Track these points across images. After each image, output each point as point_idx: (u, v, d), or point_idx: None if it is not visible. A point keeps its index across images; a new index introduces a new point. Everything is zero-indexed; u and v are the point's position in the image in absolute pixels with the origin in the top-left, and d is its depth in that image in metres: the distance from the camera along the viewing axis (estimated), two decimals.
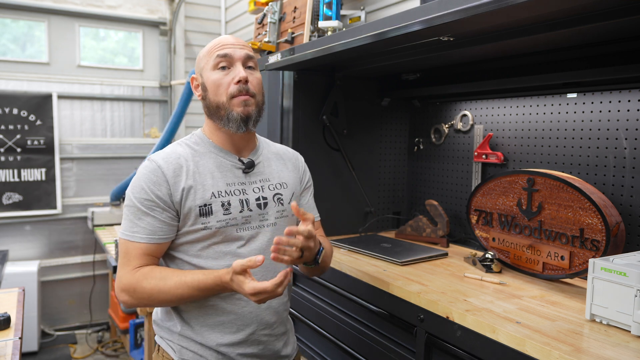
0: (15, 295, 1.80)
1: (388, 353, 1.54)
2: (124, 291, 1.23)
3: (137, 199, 1.24)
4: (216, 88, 1.29)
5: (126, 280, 1.22)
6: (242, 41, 1.34)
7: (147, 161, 1.29)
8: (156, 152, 1.31)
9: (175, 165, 1.26)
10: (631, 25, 1.27)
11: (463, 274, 1.65)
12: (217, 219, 1.26)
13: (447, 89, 2.05)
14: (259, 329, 1.31)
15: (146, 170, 1.26)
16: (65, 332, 3.99)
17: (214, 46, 1.31)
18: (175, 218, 1.26)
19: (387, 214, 2.47)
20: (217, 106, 1.29)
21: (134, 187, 1.26)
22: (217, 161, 1.32)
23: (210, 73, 1.30)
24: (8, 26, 3.78)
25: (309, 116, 2.18)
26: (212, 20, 4.36)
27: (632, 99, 1.56)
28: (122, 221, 1.28)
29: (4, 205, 3.72)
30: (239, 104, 1.27)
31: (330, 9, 2.24)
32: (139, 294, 1.22)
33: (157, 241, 1.24)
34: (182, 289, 1.20)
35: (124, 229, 1.26)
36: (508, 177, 1.72)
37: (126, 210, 1.27)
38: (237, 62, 1.29)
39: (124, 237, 1.26)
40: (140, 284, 1.21)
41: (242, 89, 1.27)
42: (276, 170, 1.41)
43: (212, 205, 1.26)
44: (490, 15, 1.17)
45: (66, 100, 3.95)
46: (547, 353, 1.05)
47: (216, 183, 1.29)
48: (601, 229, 1.44)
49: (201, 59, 1.34)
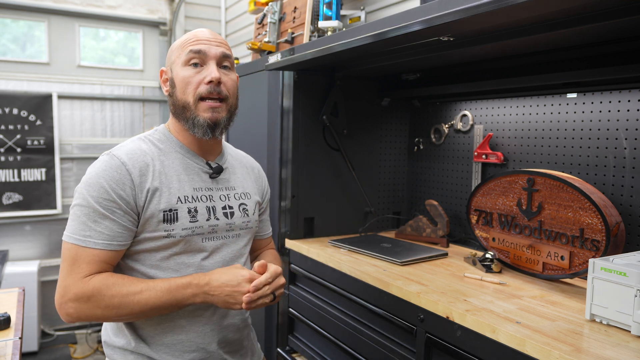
0: (15, 295, 1.80)
1: (388, 353, 1.54)
2: (74, 301, 1.07)
3: (95, 199, 1.08)
4: (184, 86, 1.17)
5: (77, 289, 1.07)
6: (219, 37, 1.23)
7: (107, 156, 1.14)
8: (117, 147, 1.17)
9: (142, 164, 1.14)
10: (631, 25, 1.27)
11: (463, 274, 1.65)
12: (183, 227, 1.15)
13: (447, 89, 2.05)
14: (219, 347, 1.23)
15: (107, 167, 1.11)
16: (65, 332, 3.99)
17: (187, 39, 1.19)
18: (135, 222, 1.12)
19: (387, 214, 2.47)
20: (183, 106, 1.19)
21: (89, 185, 1.10)
22: (184, 162, 1.21)
23: (180, 69, 1.18)
24: (8, 26, 3.78)
25: (309, 116, 2.18)
26: (212, 20, 4.36)
27: (632, 99, 1.56)
28: (70, 222, 1.11)
29: (4, 205, 3.72)
30: (206, 109, 1.17)
31: (330, 9, 2.24)
32: (95, 303, 1.06)
33: (115, 248, 1.10)
34: (149, 292, 1.07)
35: (73, 231, 1.10)
36: (508, 177, 1.72)
37: (77, 210, 1.10)
38: (211, 61, 1.18)
39: (74, 242, 1.09)
40: (99, 291, 1.06)
41: (212, 91, 1.16)
42: (240, 179, 1.33)
43: (177, 210, 1.15)
44: (490, 15, 1.17)
45: (66, 100, 3.95)
46: (547, 353, 1.05)
47: (182, 187, 1.18)
48: (601, 229, 1.44)
49: (173, 52, 1.22)
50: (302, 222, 2.19)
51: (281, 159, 2.18)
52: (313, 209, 2.20)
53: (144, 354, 1.18)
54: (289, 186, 2.14)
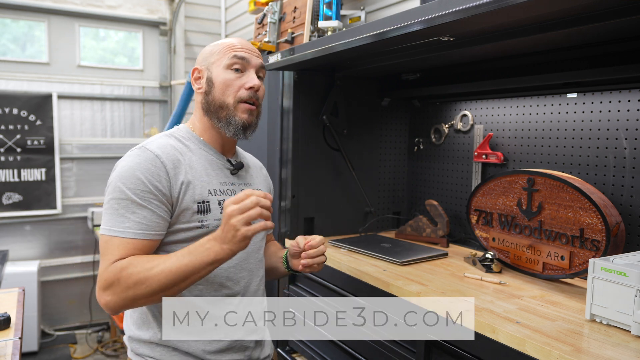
0: (15, 295, 1.80)
1: (388, 353, 1.54)
2: (105, 288, 1.09)
3: (132, 191, 1.12)
4: (225, 88, 1.25)
5: (106, 275, 1.08)
6: (256, 49, 1.34)
7: (140, 150, 1.18)
8: (147, 142, 1.22)
9: (174, 158, 1.20)
10: (631, 25, 1.27)
11: (463, 274, 1.65)
12: (215, 218, 1.21)
13: (447, 89, 2.05)
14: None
15: (141, 160, 1.15)
16: (65, 332, 3.99)
17: (231, 45, 1.28)
18: (169, 213, 1.17)
19: (387, 214, 2.47)
20: (220, 105, 1.26)
21: (125, 178, 1.13)
22: (208, 159, 1.28)
23: (221, 70, 1.26)
24: (8, 26, 3.78)
25: (309, 116, 2.18)
26: (212, 20, 4.36)
27: (632, 99, 1.56)
28: (105, 216, 1.14)
29: (4, 205, 3.72)
30: (244, 110, 1.26)
31: (330, 9, 2.24)
32: (124, 282, 1.07)
33: (152, 237, 1.14)
34: (171, 259, 1.08)
35: (110, 224, 1.12)
36: (508, 177, 1.72)
37: (114, 203, 1.13)
38: (252, 69, 1.28)
39: (111, 234, 1.11)
40: (121, 270, 1.07)
41: (252, 96, 1.26)
42: (254, 176, 1.42)
43: (209, 202, 1.22)
44: (490, 15, 1.17)
45: (66, 100, 3.95)
46: (547, 353, 1.05)
47: (211, 180, 1.25)
48: (601, 229, 1.44)
49: (212, 54, 1.29)
50: (302, 222, 2.19)
51: (281, 159, 2.18)
52: (313, 209, 2.20)
53: (172, 345, 1.21)
54: (289, 186, 2.14)
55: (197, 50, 4.35)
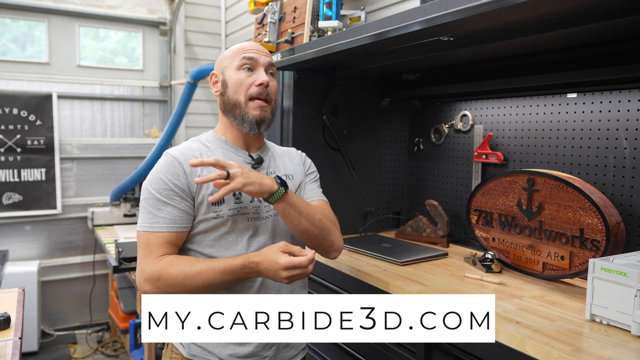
0: (15, 295, 1.80)
1: (388, 353, 1.54)
2: (148, 281, 1.23)
3: (156, 190, 1.26)
4: (237, 87, 1.34)
5: (150, 269, 1.23)
6: (265, 49, 1.41)
7: (164, 155, 1.33)
8: (172, 148, 1.36)
9: (191, 157, 1.30)
10: (631, 25, 1.27)
11: (463, 274, 1.65)
12: (229, 207, 1.29)
13: (447, 89, 2.05)
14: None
15: (163, 163, 1.30)
16: (65, 332, 3.99)
17: (240, 48, 1.38)
18: (192, 207, 1.29)
19: (387, 214, 2.47)
20: (234, 104, 1.35)
21: (151, 181, 1.28)
22: (228, 155, 1.37)
23: (233, 72, 1.36)
24: (8, 26, 3.78)
25: (309, 116, 2.18)
26: (212, 20, 4.36)
27: (632, 99, 1.56)
28: (140, 216, 1.30)
29: (4, 205, 3.72)
30: (255, 107, 1.34)
31: (330, 9, 2.24)
32: (164, 282, 1.22)
33: (177, 229, 1.27)
34: (209, 273, 1.22)
35: (143, 221, 1.28)
36: (508, 177, 1.72)
37: (144, 204, 1.28)
38: (261, 67, 1.36)
39: (144, 229, 1.27)
40: (165, 271, 1.22)
41: (262, 92, 1.34)
42: (282, 164, 1.47)
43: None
44: (490, 15, 1.17)
45: (66, 100, 3.95)
46: (547, 353, 1.05)
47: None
48: (601, 229, 1.44)
49: (225, 58, 1.39)
50: None
51: None
52: None
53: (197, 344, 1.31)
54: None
55: (197, 50, 4.35)
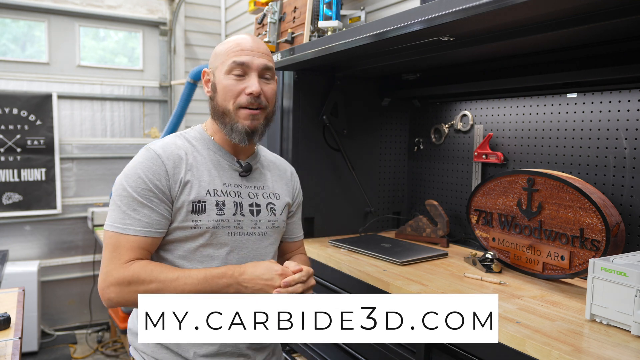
0: (15, 295, 1.80)
1: (388, 353, 1.54)
2: (115, 285, 1.12)
3: (133, 188, 1.15)
4: (225, 94, 1.22)
5: (118, 274, 1.12)
6: (262, 47, 1.26)
7: (145, 150, 1.21)
8: (154, 141, 1.24)
9: (175, 157, 1.20)
10: (631, 25, 1.27)
11: (463, 274, 1.65)
12: (210, 219, 1.20)
13: (447, 89, 2.05)
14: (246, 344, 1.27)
15: (143, 159, 1.18)
16: (65, 332, 3.99)
17: (232, 47, 1.23)
18: (170, 211, 1.19)
19: (387, 214, 2.47)
20: (222, 112, 1.24)
21: (128, 176, 1.17)
22: (215, 159, 1.27)
23: (222, 76, 1.23)
24: (8, 26, 3.78)
25: (309, 116, 2.18)
26: (212, 20, 4.36)
27: (632, 99, 1.56)
28: (110, 212, 1.17)
29: (4, 205, 3.72)
30: (246, 116, 1.22)
31: (330, 9, 2.24)
32: (135, 287, 1.12)
33: (153, 234, 1.16)
34: (185, 280, 1.13)
35: (113, 220, 1.16)
36: (508, 177, 1.72)
37: (117, 200, 1.16)
38: (253, 72, 1.22)
39: (115, 230, 1.15)
40: (137, 276, 1.12)
41: (252, 102, 1.21)
42: (270, 179, 1.37)
43: (205, 203, 1.20)
44: (490, 15, 1.17)
45: (66, 100, 3.95)
46: (547, 353, 1.05)
47: (213, 180, 1.24)
48: (601, 229, 1.44)
49: (217, 56, 1.26)
50: (302, 222, 2.18)
51: None
52: (313, 209, 2.20)
53: (164, 344, 1.23)
54: None
55: (197, 50, 4.35)
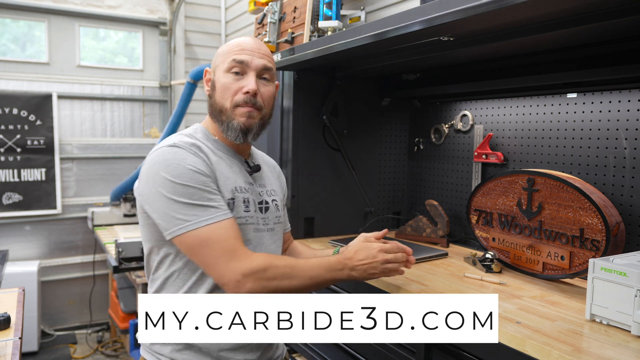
0: (15, 295, 1.80)
1: (388, 353, 1.54)
2: (250, 275, 1.11)
3: (194, 180, 1.13)
4: (223, 91, 1.24)
5: (250, 263, 1.12)
6: (263, 48, 1.28)
7: (175, 148, 1.16)
8: (175, 141, 1.19)
9: (202, 154, 1.20)
10: (630, 25, 1.27)
11: (463, 274, 1.65)
12: (239, 215, 1.22)
13: (447, 89, 2.05)
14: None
15: (184, 155, 1.16)
16: (65, 332, 3.99)
17: (233, 47, 1.26)
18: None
19: (387, 214, 2.47)
20: (220, 110, 1.26)
21: (179, 175, 1.12)
22: (228, 159, 1.29)
23: (222, 74, 1.26)
24: (8, 26, 3.78)
25: (309, 116, 2.18)
26: (212, 20, 4.36)
27: (632, 99, 1.56)
28: (183, 215, 1.12)
29: (4, 205, 3.72)
30: (242, 114, 1.24)
31: (330, 9, 2.24)
32: (271, 273, 1.13)
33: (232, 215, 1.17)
34: (312, 266, 1.18)
35: (196, 218, 1.11)
36: (508, 177, 1.72)
37: (183, 199, 1.12)
38: (252, 72, 1.24)
39: (205, 224, 1.11)
40: (272, 262, 1.14)
41: (248, 101, 1.23)
42: (268, 176, 1.41)
43: (235, 200, 1.23)
44: (490, 15, 1.17)
45: (66, 100, 3.95)
46: (547, 353, 1.05)
47: (235, 178, 1.26)
48: (601, 229, 1.44)
49: (218, 56, 1.29)
50: (302, 222, 2.19)
51: (281, 159, 2.18)
52: (313, 209, 2.20)
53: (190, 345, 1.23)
54: (289, 186, 2.14)
55: (197, 50, 4.35)
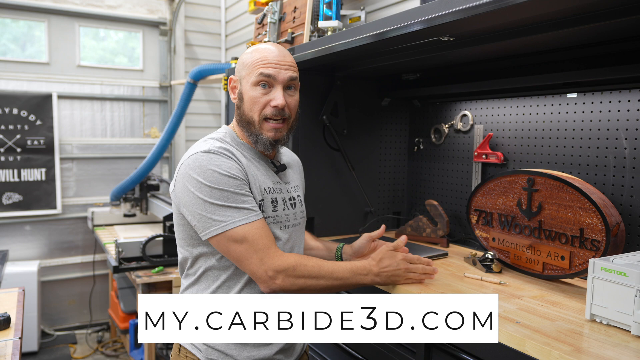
0: (15, 295, 1.80)
1: (388, 353, 1.54)
2: (281, 273, 1.18)
3: (228, 185, 1.19)
4: (252, 104, 1.29)
5: (281, 261, 1.19)
6: (287, 58, 1.32)
7: (207, 154, 1.22)
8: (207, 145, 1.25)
9: (235, 158, 1.26)
10: (631, 25, 1.27)
11: (463, 274, 1.65)
12: (267, 215, 1.28)
13: (447, 89, 2.05)
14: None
15: (219, 161, 1.21)
16: (65, 332, 3.99)
17: (259, 59, 1.29)
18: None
19: (387, 214, 2.47)
20: (248, 121, 1.31)
21: (215, 180, 1.19)
22: (256, 161, 1.34)
23: (249, 87, 1.29)
24: (8, 26, 3.79)
25: (309, 116, 2.18)
26: (212, 20, 4.36)
27: (632, 99, 1.56)
28: (220, 215, 1.19)
29: (4, 205, 3.72)
30: (270, 129, 1.29)
31: (330, 9, 2.24)
32: (300, 272, 1.20)
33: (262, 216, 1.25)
34: (338, 268, 1.24)
35: (231, 218, 1.18)
36: (508, 177, 1.72)
37: (219, 202, 1.19)
38: (279, 85, 1.28)
39: (240, 224, 1.18)
40: (301, 261, 1.20)
41: (277, 114, 1.28)
42: (291, 173, 1.47)
43: (264, 201, 1.29)
44: (490, 15, 1.17)
45: (66, 100, 3.95)
46: (547, 353, 1.05)
47: (265, 180, 1.32)
48: (601, 229, 1.44)
49: (244, 67, 1.32)
50: None
51: None
52: (313, 209, 2.20)
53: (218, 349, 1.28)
54: None
55: (197, 50, 4.35)
